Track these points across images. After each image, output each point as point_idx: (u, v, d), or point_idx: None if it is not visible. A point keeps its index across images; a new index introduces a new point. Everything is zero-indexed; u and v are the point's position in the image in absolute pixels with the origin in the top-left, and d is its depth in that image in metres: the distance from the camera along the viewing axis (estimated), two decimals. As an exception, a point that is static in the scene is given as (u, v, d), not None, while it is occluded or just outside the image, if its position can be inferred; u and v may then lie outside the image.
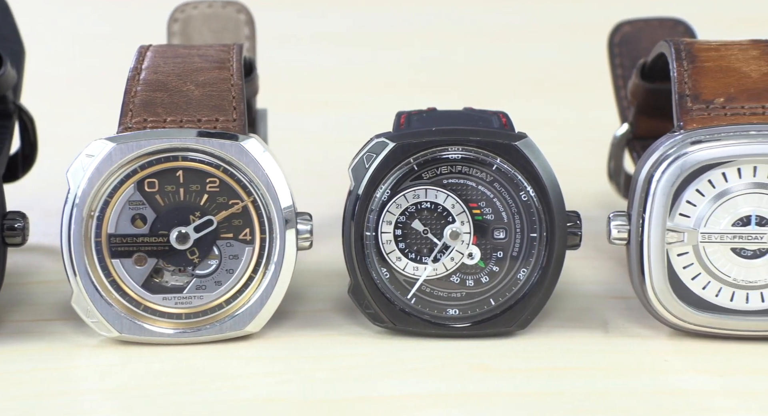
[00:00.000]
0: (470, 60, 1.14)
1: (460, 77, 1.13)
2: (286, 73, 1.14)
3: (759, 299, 0.61)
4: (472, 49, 1.15)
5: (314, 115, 1.10)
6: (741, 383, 0.56)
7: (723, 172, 0.61)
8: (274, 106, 0.94)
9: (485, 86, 1.11)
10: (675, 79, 0.62)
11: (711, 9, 1.13)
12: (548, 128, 0.99)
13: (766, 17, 1.12)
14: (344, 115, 1.09)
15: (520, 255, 0.65)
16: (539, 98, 1.08)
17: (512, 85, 1.10)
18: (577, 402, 0.55)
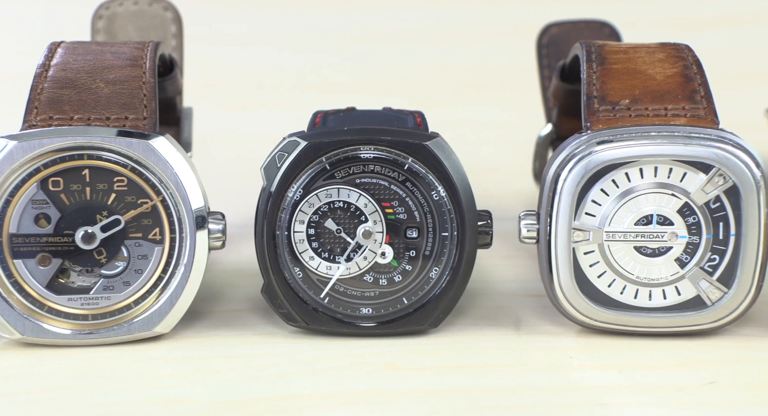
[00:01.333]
0: (413, 60, 1.04)
1: (402, 78, 1.03)
2: (224, 71, 1.02)
3: (661, 296, 0.54)
4: (415, 50, 1.05)
5: (250, 113, 0.98)
6: (640, 378, 0.50)
7: (626, 172, 0.53)
8: (211, 105, 0.85)
9: (430, 87, 1.01)
10: (584, 81, 0.55)
11: (641, 11, 1.04)
12: (491, 129, 0.92)
13: (693, 19, 1.03)
14: (285, 113, 0.92)
15: (432, 254, 0.55)
16: (484, 100, 0.99)
17: (457, 85, 1.01)
18: (482, 399, 0.48)
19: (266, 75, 1.00)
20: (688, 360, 0.51)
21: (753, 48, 0.98)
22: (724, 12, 1.02)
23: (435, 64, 1.00)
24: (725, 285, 0.52)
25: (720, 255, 0.52)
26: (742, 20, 1.01)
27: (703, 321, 0.53)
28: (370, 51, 1.02)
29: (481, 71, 1.00)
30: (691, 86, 0.53)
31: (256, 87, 0.99)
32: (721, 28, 1.01)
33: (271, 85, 0.99)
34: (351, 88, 0.98)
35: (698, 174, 0.52)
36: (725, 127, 0.52)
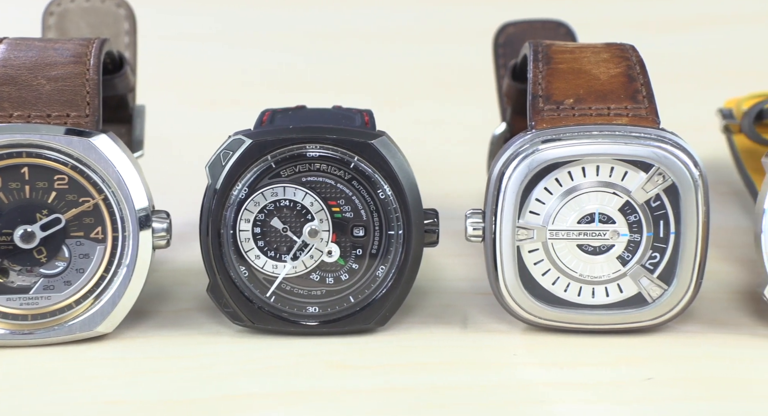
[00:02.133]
0: (376, 60, 0.96)
1: (364, 77, 0.95)
2: (190, 69, 0.93)
3: (603, 294, 0.49)
4: (377, 49, 0.97)
5: (216, 111, 0.89)
6: (581, 375, 0.46)
7: (569, 170, 0.48)
8: (176, 103, 0.79)
9: (396, 86, 0.93)
10: (530, 80, 0.51)
11: (601, 12, 0.96)
12: (454, 128, 0.85)
13: (649, 20, 0.96)
14: (251, 112, 0.83)
15: (378, 253, 0.50)
16: (448, 98, 0.91)
17: (422, 84, 0.93)
18: (424, 398, 0.44)
19: (233, 73, 0.94)
20: (628, 356, 0.48)
21: (718, 49, 0.93)
22: (689, 14, 0.97)
23: (401, 63, 0.95)
24: (665, 282, 0.49)
25: (661, 253, 0.49)
26: (707, 22, 0.95)
27: (644, 318, 0.49)
28: (336, 49, 0.97)
29: (445, 70, 0.95)
30: (634, 86, 0.50)
31: (222, 85, 0.93)
32: (688, 29, 0.96)
33: (238, 83, 0.93)
34: (316, 87, 0.92)
35: (639, 173, 0.49)
36: (666, 126, 0.49)
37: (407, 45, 0.96)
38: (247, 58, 0.96)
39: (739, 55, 0.91)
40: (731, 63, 0.91)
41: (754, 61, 0.90)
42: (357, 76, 0.95)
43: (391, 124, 0.88)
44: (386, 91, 0.92)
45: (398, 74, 0.93)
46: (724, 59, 0.92)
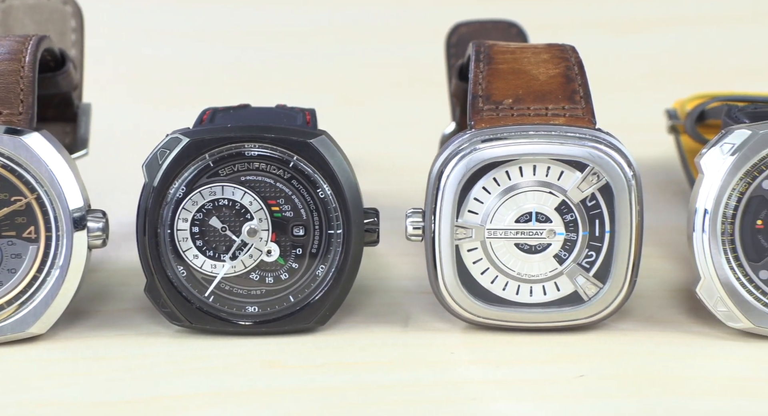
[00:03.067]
0: (338, 58, 0.95)
1: (327, 75, 0.93)
2: (146, 67, 0.92)
3: (541, 292, 0.49)
4: (339, 47, 0.96)
5: (172, 110, 0.88)
6: (515, 372, 0.46)
7: (506, 170, 0.48)
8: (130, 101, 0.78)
9: (354, 85, 0.92)
10: (471, 80, 0.51)
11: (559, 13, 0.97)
12: (420, 127, 0.83)
13: (600, 21, 0.96)
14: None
15: (318, 252, 0.49)
16: (409, 97, 0.91)
17: (381, 83, 0.92)
18: (357, 396, 0.44)
19: (191, 71, 0.93)
20: (563, 354, 0.48)
21: (677, 49, 0.93)
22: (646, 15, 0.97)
23: (363, 62, 0.94)
24: (601, 280, 0.49)
25: (596, 252, 0.49)
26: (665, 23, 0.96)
27: (580, 316, 0.49)
28: (297, 48, 0.95)
29: (408, 69, 0.94)
30: (572, 87, 0.50)
31: (177, 83, 0.91)
32: (647, 30, 0.96)
33: (195, 82, 0.92)
34: (274, 86, 0.91)
35: (574, 172, 0.49)
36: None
37: (370, 44, 0.95)
38: (204, 56, 0.95)
39: (699, 56, 0.91)
40: (691, 63, 0.91)
41: (713, 61, 0.91)
42: (319, 75, 0.93)
43: (352, 123, 0.88)
44: (349, 90, 0.91)
45: (361, 73, 0.92)
46: (684, 59, 0.92)
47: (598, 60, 0.91)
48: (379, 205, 0.51)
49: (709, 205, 0.47)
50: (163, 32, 0.96)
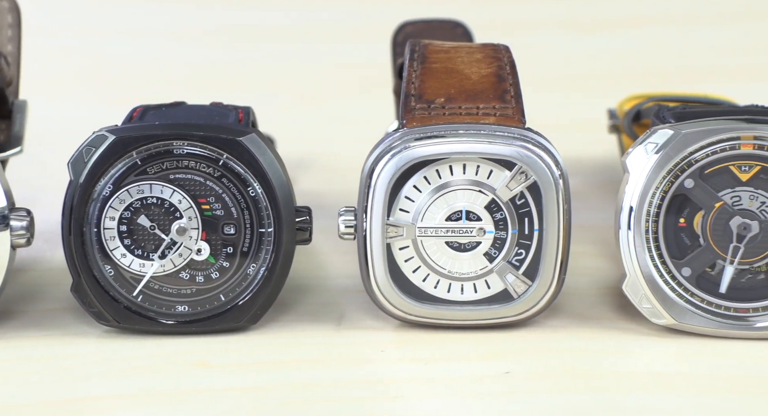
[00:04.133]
0: (293, 58, 0.93)
1: (282, 75, 0.92)
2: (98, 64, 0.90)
3: (472, 290, 0.49)
4: (293, 47, 0.95)
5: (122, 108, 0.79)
6: (443, 370, 0.45)
7: (437, 168, 0.48)
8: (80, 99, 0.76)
9: (309, 84, 0.91)
10: (405, 79, 0.50)
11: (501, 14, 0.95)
12: (373, 126, 0.80)
13: (555, 20, 0.95)
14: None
15: (250, 251, 0.49)
16: (362, 96, 0.90)
17: (333, 82, 0.91)
18: (283, 395, 0.43)
19: (148, 69, 0.91)
20: (491, 351, 0.47)
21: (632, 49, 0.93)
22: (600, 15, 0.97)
23: (319, 61, 0.93)
24: (530, 278, 0.49)
25: (526, 250, 0.49)
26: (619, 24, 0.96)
27: (510, 313, 0.49)
28: (251, 47, 0.94)
29: (363, 68, 0.93)
30: (503, 86, 0.50)
31: (125, 81, 0.89)
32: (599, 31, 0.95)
33: (152, 80, 0.90)
34: (229, 85, 0.89)
35: (503, 171, 0.49)
36: (530, 126, 0.49)
37: (329, 44, 0.94)
38: (160, 55, 0.93)
39: (654, 56, 0.92)
40: (648, 63, 0.91)
41: (667, 61, 0.90)
42: (277, 74, 0.92)
43: (309, 122, 0.87)
44: (306, 90, 0.90)
45: (319, 72, 0.91)
46: (641, 59, 0.92)
47: (553, 59, 0.92)
48: (328, 204, 0.50)
49: (634, 203, 0.47)
50: (116, 30, 0.94)
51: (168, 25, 0.95)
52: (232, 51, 0.93)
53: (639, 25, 0.94)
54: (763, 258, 0.47)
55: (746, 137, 0.46)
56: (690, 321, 0.47)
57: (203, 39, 0.94)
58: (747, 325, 0.46)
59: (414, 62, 0.51)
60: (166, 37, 0.94)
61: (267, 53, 0.93)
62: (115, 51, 0.92)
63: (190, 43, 0.93)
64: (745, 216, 0.47)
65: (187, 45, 0.93)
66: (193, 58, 0.93)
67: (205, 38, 0.94)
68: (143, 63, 0.92)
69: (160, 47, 0.93)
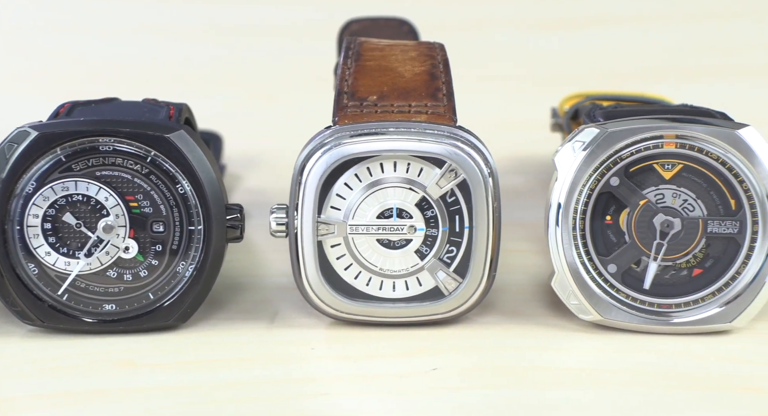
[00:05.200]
0: (250, 54, 0.92)
1: (239, 71, 0.90)
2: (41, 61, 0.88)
3: (403, 287, 0.49)
4: (251, 43, 0.93)
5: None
6: (372, 367, 0.45)
7: (368, 166, 0.48)
8: None
9: (267, 80, 0.89)
10: (339, 77, 0.50)
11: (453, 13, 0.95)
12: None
13: (500, 19, 0.95)
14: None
15: (179, 249, 0.48)
16: (317, 93, 0.84)
17: (296, 79, 0.89)
18: (210, 394, 0.42)
19: (90, 65, 0.89)
20: (421, 348, 0.47)
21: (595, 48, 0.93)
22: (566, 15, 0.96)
23: (277, 58, 0.91)
24: (461, 275, 0.49)
25: (457, 247, 0.49)
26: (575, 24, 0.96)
27: (441, 310, 0.49)
28: (205, 44, 0.92)
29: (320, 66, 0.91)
30: (435, 84, 0.50)
31: (84, 77, 0.88)
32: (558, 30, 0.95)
33: (107, 77, 0.88)
34: (176, 81, 0.88)
35: (434, 169, 0.48)
36: (463, 125, 0.49)
37: (277, 39, 0.92)
38: (112, 51, 0.91)
39: (611, 55, 0.92)
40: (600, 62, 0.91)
41: (622, 60, 0.91)
42: (227, 71, 0.90)
43: (258, 119, 0.86)
44: (261, 86, 0.89)
45: (268, 69, 0.90)
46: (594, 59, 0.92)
47: (507, 57, 0.92)
48: (271, 202, 0.49)
49: (562, 200, 0.47)
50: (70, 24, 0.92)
51: (121, 20, 0.93)
52: (186, 47, 0.91)
53: (593, 25, 0.95)
54: (686, 255, 0.47)
55: (669, 136, 0.46)
56: (615, 317, 0.47)
57: (157, 35, 0.92)
58: (666, 320, 0.47)
59: (348, 60, 0.51)
60: (117, 33, 0.92)
61: (220, 50, 0.92)
62: (64, 46, 0.90)
63: (144, 38, 0.92)
64: (668, 213, 0.47)
65: (140, 41, 0.91)
66: (147, 54, 0.91)
67: (159, 34, 0.92)
68: (95, 59, 0.90)
69: (110, 43, 0.91)
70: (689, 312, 0.47)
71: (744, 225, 0.47)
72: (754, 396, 0.42)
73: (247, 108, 0.85)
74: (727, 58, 0.89)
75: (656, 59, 0.90)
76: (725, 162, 0.46)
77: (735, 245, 0.47)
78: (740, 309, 0.46)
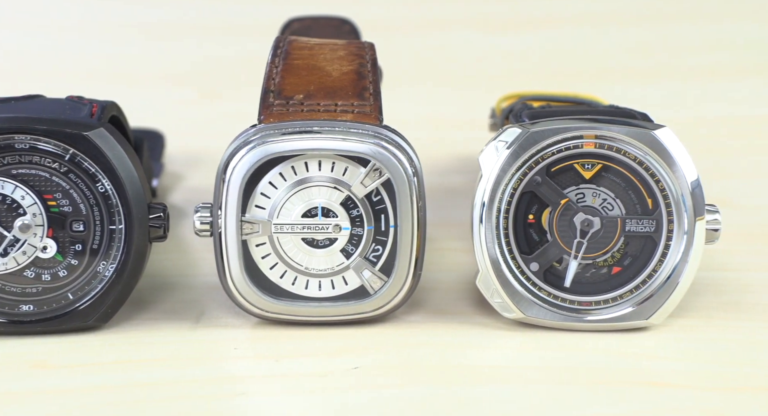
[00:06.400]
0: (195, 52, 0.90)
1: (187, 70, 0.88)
2: None
3: (329, 286, 0.48)
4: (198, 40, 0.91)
5: None
6: (294, 366, 0.44)
7: (292, 165, 0.47)
8: None
9: (215, 78, 0.87)
10: (266, 75, 0.49)
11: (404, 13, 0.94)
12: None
13: (457, 20, 0.95)
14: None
15: (100, 248, 0.46)
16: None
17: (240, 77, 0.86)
18: (124, 395, 0.41)
19: (26, 62, 0.86)
20: (345, 347, 0.47)
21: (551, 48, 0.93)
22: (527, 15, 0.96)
23: (224, 55, 0.89)
24: (386, 274, 0.48)
25: (383, 246, 0.48)
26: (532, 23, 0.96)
27: (367, 309, 0.49)
28: (148, 43, 0.90)
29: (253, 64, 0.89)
30: (363, 84, 0.49)
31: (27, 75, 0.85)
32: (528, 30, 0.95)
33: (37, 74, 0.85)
34: (122, 79, 0.85)
35: (359, 168, 0.48)
36: (389, 124, 0.49)
37: (224, 38, 0.91)
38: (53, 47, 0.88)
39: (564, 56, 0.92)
40: (555, 63, 0.91)
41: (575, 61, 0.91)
42: (175, 70, 0.88)
43: (209, 118, 0.84)
44: (211, 85, 0.87)
45: (215, 68, 0.88)
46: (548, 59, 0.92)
47: (459, 57, 0.92)
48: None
49: (486, 199, 0.47)
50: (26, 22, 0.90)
51: (65, 18, 0.91)
52: (132, 45, 0.89)
53: (550, 26, 0.96)
54: (605, 253, 0.48)
55: (588, 136, 0.47)
56: (537, 315, 0.47)
57: (107, 32, 0.90)
58: (585, 318, 0.47)
59: (276, 58, 0.50)
60: (62, 31, 0.90)
61: (167, 48, 0.90)
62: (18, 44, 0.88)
63: (92, 35, 0.89)
64: (588, 212, 0.47)
65: (90, 38, 0.89)
66: (98, 51, 0.88)
67: (109, 32, 0.90)
68: (31, 55, 0.87)
69: (55, 41, 0.89)
70: (608, 310, 0.47)
71: (660, 224, 0.47)
72: (662, 390, 0.43)
73: (197, 107, 0.83)
74: (675, 59, 0.90)
75: (609, 60, 0.91)
76: (642, 162, 0.47)
77: (652, 243, 0.47)
78: (656, 307, 0.47)
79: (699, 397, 0.42)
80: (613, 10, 0.95)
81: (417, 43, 0.92)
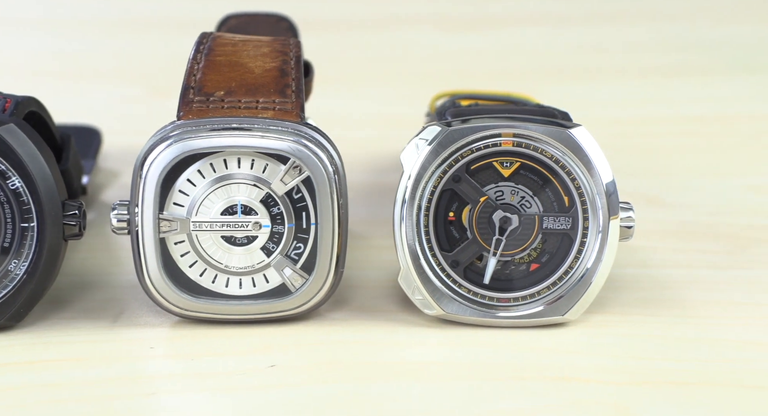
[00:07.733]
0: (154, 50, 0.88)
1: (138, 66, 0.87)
2: None
3: (250, 284, 0.47)
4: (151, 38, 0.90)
5: None
6: (210, 365, 0.43)
7: (211, 162, 0.46)
8: None
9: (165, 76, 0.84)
10: (187, 71, 0.48)
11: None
12: None
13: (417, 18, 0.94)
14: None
15: (11, 247, 0.45)
16: None
17: None
18: (31, 396, 0.40)
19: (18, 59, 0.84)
20: (265, 345, 0.46)
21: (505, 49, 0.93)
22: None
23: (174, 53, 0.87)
24: (308, 272, 0.48)
25: (304, 244, 0.48)
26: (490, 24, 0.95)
27: (288, 307, 0.48)
28: (108, 38, 0.88)
29: None
30: (285, 81, 0.48)
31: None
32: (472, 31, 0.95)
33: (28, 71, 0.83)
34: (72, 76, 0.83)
35: (279, 165, 0.47)
36: (309, 121, 0.48)
37: (177, 34, 0.88)
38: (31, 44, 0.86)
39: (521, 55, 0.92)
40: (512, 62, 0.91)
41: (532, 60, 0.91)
42: (126, 66, 0.86)
43: (154, 115, 0.81)
44: (161, 82, 0.84)
45: (166, 64, 0.85)
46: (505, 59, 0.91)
47: (417, 56, 0.92)
48: None
49: (407, 196, 0.47)
50: None
51: (14, 12, 0.88)
52: (84, 41, 0.87)
53: (504, 26, 0.95)
54: (523, 250, 0.48)
55: (506, 134, 0.46)
56: (457, 312, 0.47)
57: (56, 27, 0.88)
58: (504, 314, 0.47)
59: (198, 54, 0.49)
60: (7, 24, 0.87)
61: (118, 45, 0.88)
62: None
63: (41, 32, 0.87)
64: (507, 210, 0.47)
65: (37, 35, 0.87)
66: (41, 48, 0.86)
67: (57, 27, 0.88)
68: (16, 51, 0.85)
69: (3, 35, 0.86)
70: (526, 306, 0.47)
71: (576, 221, 0.47)
72: (572, 384, 0.43)
73: (143, 105, 0.81)
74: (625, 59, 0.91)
75: (559, 59, 0.92)
76: (558, 160, 0.47)
77: (568, 240, 0.47)
78: (572, 303, 0.47)
79: (609, 391, 0.42)
80: (569, 12, 0.96)
81: (369, 40, 0.92)
